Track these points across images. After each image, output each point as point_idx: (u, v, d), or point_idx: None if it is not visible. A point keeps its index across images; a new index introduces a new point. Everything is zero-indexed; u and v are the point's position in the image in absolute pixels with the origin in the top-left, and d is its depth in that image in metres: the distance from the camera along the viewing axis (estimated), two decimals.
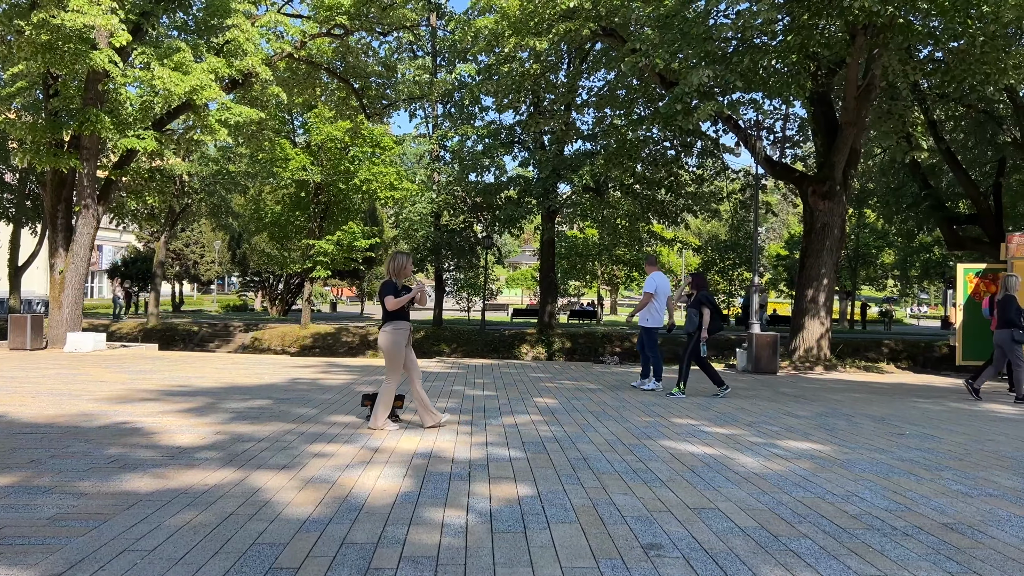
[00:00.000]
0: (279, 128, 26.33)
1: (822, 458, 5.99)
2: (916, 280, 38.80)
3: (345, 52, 22.11)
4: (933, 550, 3.75)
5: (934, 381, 14.26)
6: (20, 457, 5.29)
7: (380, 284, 6.85)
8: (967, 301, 15.54)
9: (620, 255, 28.70)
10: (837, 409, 9.17)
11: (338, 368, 13.09)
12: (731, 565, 3.46)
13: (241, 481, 4.79)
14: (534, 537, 3.80)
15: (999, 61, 14.30)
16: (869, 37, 14.47)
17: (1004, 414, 9.22)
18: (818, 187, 16.62)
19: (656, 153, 22.60)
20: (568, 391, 10.31)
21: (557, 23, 16.37)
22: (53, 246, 16.82)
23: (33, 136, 15.87)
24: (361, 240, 25.61)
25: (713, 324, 9.63)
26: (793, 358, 16.36)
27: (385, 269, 6.99)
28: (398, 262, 6.85)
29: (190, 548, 3.51)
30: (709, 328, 9.60)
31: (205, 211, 32.84)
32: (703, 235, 59.78)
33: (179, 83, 15.04)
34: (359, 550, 3.54)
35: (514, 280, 65.29)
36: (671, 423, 7.63)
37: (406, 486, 4.75)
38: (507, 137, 25.03)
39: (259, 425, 6.84)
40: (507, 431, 6.90)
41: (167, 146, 17.48)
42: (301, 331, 26.25)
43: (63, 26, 13.82)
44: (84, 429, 6.42)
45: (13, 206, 28.98)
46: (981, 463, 5.96)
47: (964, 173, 22.02)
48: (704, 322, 9.58)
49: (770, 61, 14.74)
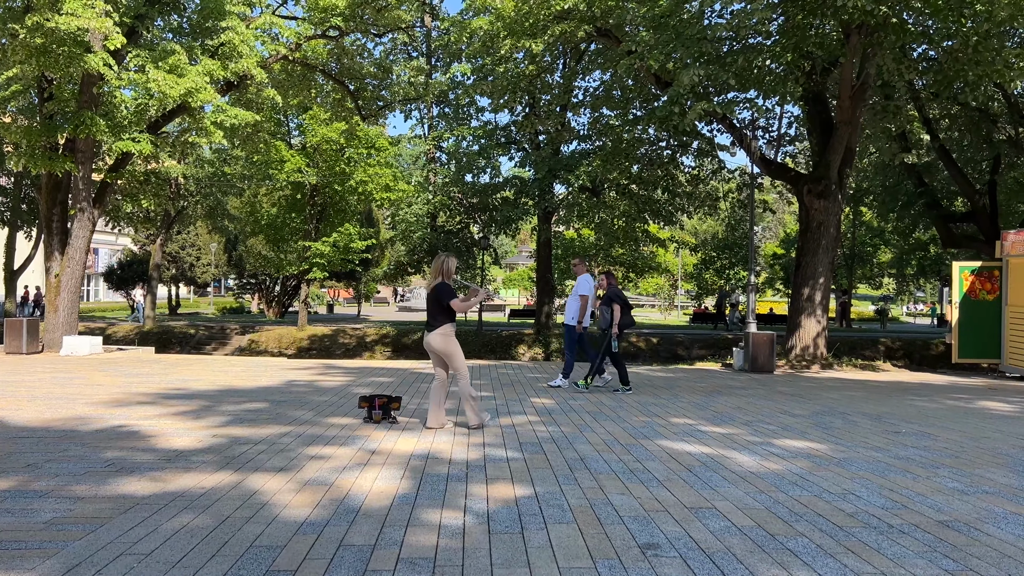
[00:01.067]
0: (274, 130, 26.31)
1: (819, 457, 6.01)
2: (912, 278, 38.83)
3: (340, 54, 22.09)
4: (929, 548, 3.76)
5: (931, 379, 14.29)
6: (16, 461, 5.28)
7: (433, 286, 6.80)
8: (963, 299, 15.58)
9: (617, 255, 28.69)
10: (834, 408, 9.19)
11: (335, 370, 13.08)
12: (728, 564, 3.46)
13: (238, 484, 4.79)
14: (531, 538, 3.80)
15: (992, 61, 14.34)
16: (863, 37, 14.49)
17: (1000, 412, 9.25)
18: (813, 186, 16.65)
19: (652, 153, 22.62)
20: (565, 391, 10.31)
21: (552, 24, 16.38)
22: (49, 250, 16.78)
23: (28, 139, 15.84)
24: (358, 241, 25.61)
25: (624, 319, 9.93)
26: (790, 357, 16.39)
27: (434, 271, 6.94)
28: (448, 264, 6.90)
29: (187, 551, 3.51)
30: (620, 323, 9.89)
31: (201, 213, 32.79)
32: (699, 235, 59.87)
33: (174, 86, 15.01)
34: (356, 552, 3.54)
35: (511, 281, 65.30)
36: (668, 423, 7.64)
37: (403, 488, 4.76)
38: (502, 137, 25.03)
39: (256, 428, 6.84)
40: (504, 432, 6.90)
41: (162, 149, 17.47)
42: (298, 333, 26.23)
43: (57, 29, 13.78)
44: (81, 433, 6.41)
45: (8, 210, 28.91)
46: (977, 461, 5.98)
47: (959, 171, 22.06)
48: (615, 318, 9.87)
49: (764, 61, 14.76)
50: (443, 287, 6.77)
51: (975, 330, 15.40)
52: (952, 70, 15.28)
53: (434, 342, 6.79)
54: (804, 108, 18.20)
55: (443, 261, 6.90)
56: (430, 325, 6.83)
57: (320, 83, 24.51)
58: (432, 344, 6.81)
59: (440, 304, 6.75)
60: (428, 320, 6.88)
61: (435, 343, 6.79)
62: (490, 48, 18.52)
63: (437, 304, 6.76)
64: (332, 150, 24.71)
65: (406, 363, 16.21)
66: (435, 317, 6.79)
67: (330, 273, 28.34)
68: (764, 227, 72.46)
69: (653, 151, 22.57)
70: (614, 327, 9.83)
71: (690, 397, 9.97)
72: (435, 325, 6.79)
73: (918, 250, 33.98)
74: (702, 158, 23.29)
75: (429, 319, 6.86)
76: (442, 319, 6.75)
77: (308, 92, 24.18)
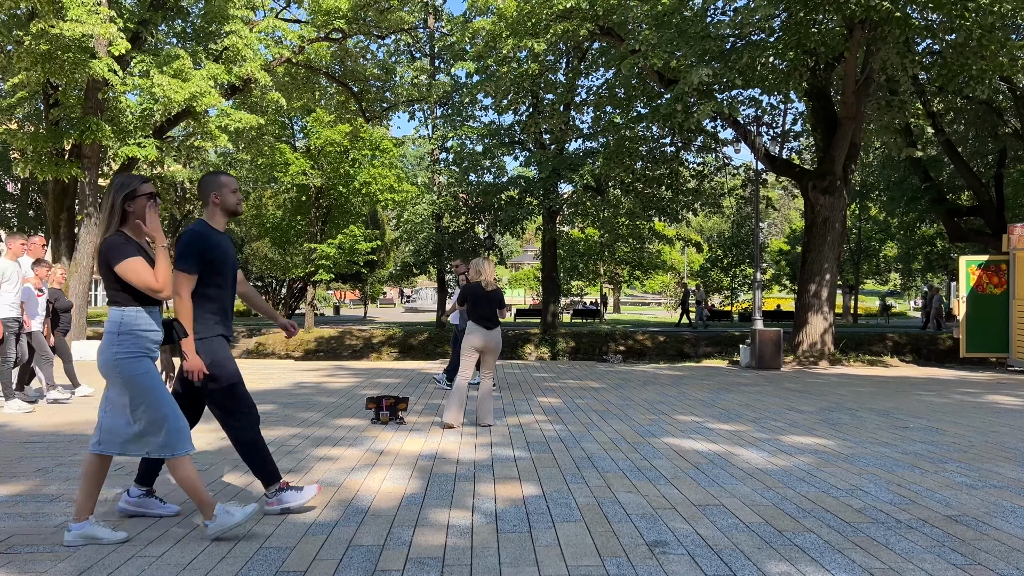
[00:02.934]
0: (279, 133, 26.36)
1: (826, 453, 6.00)
2: (919, 273, 38.67)
3: (343, 56, 22.15)
4: (938, 543, 3.76)
5: (938, 374, 14.25)
6: (27, 466, 5.32)
7: (496, 288, 7.28)
8: (970, 293, 15.52)
9: (622, 254, 28.66)
10: (841, 404, 9.18)
11: (343, 371, 13.12)
12: (736, 561, 3.47)
13: (247, 486, 4.81)
14: (539, 537, 3.81)
15: (997, 54, 14.29)
16: (866, 32, 14.46)
17: (1008, 406, 9.22)
18: (818, 182, 16.62)
19: (656, 150, 22.59)
20: (572, 390, 10.32)
21: (554, 23, 16.37)
22: (56, 255, 16.89)
23: (34, 146, 15.93)
24: (363, 243, 25.64)
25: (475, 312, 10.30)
26: (797, 353, 16.35)
27: (489, 272, 7.33)
28: (480, 266, 7.34)
29: (197, 553, 3.53)
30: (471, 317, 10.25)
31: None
32: (705, 232, 59.78)
33: (179, 90, 15.08)
34: (365, 552, 3.56)
35: (516, 280, 65.30)
36: (675, 420, 7.64)
37: (411, 488, 4.77)
38: (506, 137, 25.03)
39: (264, 429, 6.87)
40: (511, 431, 6.92)
41: (168, 153, 17.53)
42: (305, 335, 26.28)
43: (62, 36, 13.86)
44: (90, 437, 6.44)
45: (16, 216, 29.05)
46: (985, 455, 5.97)
47: (965, 165, 21.98)
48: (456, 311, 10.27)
49: (768, 58, 14.74)
50: (501, 292, 7.32)
51: (982, 324, 15.33)
52: (956, 64, 15.23)
53: (500, 339, 7.21)
54: (808, 104, 18.16)
55: (472, 264, 7.38)
56: (494, 324, 7.17)
57: (324, 85, 24.57)
58: (499, 343, 7.20)
59: (501, 306, 7.22)
60: (491, 320, 7.15)
61: (501, 340, 7.22)
62: (493, 48, 18.52)
63: (500, 306, 7.21)
64: (336, 152, 24.76)
65: (413, 364, 16.24)
66: (496, 318, 7.20)
67: (336, 275, 28.38)
68: (770, 223, 72.32)
69: (657, 149, 22.55)
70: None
71: (697, 394, 9.96)
72: (496, 325, 7.18)
73: (924, 245, 33.88)
74: (706, 154, 23.26)
75: (492, 319, 7.17)
76: (498, 320, 7.20)
77: (312, 94, 24.24)
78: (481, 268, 7.32)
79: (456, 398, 7.06)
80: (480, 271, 7.30)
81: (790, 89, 15.78)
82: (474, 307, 7.16)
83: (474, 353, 7.18)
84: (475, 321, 7.15)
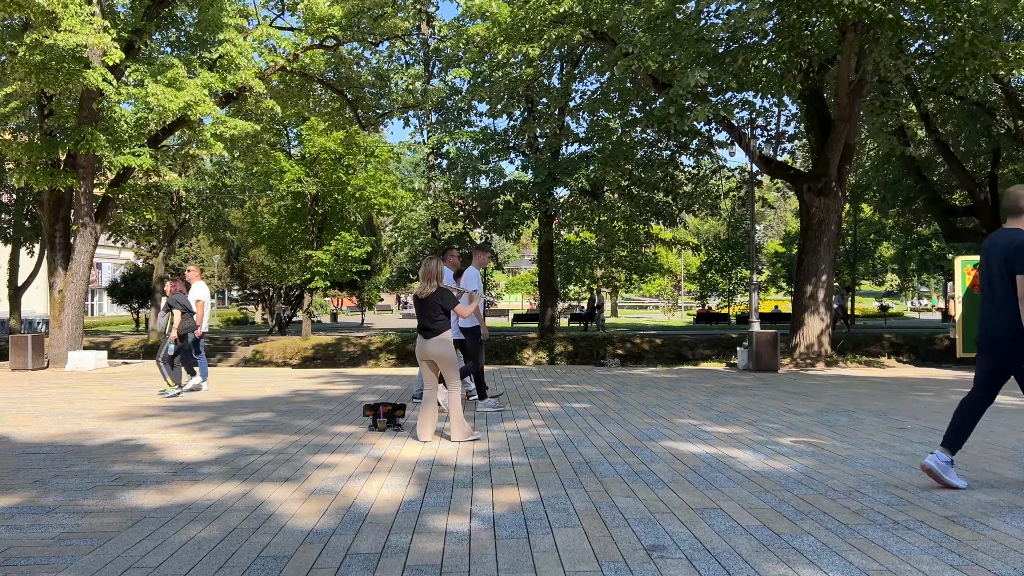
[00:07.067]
0: (274, 141, 26.37)
1: (824, 455, 6.01)
2: (915, 273, 38.76)
3: (338, 63, 22.15)
4: (935, 543, 3.76)
5: (935, 374, 14.27)
6: (24, 477, 5.31)
7: (431, 291, 6.57)
8: (966, 293, 15.55)
9: (618, 258, 28.65)
10: (838, 405, 9.19)
11: (340, 379, 13.10)
12: (733, 564, 3.47)
13: (245, 495, 4.80)
14: (537, 542, 3.81)
15: (989, 54, 14.34)
16: (859, 33, 14.50)
17: (1005, 406, 9.23)
18: (813, 184, 16.66)
19: (651, 154, 22.63)
20: (570, 394, 10.32)
21: (548, 29, 16.41)
22: (52, 265, 16.84)
23: (29, 156, 15.90)
24: (356, 249, 25.62)
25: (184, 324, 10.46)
26: (794, 355, 16.37)
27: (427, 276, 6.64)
28: (441, 267, 6.70)
29: (195, 563, 3.52)
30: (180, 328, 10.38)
31: (203, 226, 32.86)
32: (701, 234, 59.83)
33: (173, 99, 15.07)
34: (363, 560, 3.56)
35: (514, 285, 65.27)
36: (673, 424, 7.64)
37: (409, 494, 4.77)
38: (500, 142, 25.07)
39: (262, 438, 6.86)
40: (509, 437, 6.91)
41: (163, 162, 17.53)
42: (302, 343, 26.24)
43: (56, 46, 13.85)
44: (87, 447, 6.43)
45: (11, 226, 28.97)
46: (982, 455, 5.97)
47: (959, 165, 22.04)
48: (175, 322, 10.33)
49: (761, 60, 14.78)
50: (445, 292, 6.59)
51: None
52: (949, 64, 15.29)
53: (435, 348, 6.54)
54: (802, 106, 18.20)
55: (436, 264, 6.64)
56: (428, 331, 6.58)
57: (318, 93, 24.58)
58: (432, 351, 6.56)
59: (441, 309, 6.57)
60: (424, 326, 6.61)
61: (436, 349, 6.54)
62: (487, 54, 18.56)
63: (437, 309, 6.57)
64: (331, 159, 24.77)
65: (411, 370, 16.23)
66: (433, 322, 6.56)
67: (332, 282, 28.36)
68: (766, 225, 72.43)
69: (652, 152, 22.59)
70: (175, 330, 10.35)
71: (694, 397, 9.97)
72: (434, 331, 6.55)
73: (920, 245, 33.96)
74: (701, 156, 23.31)
75: (426, 324, 6.59)
76: (441, 325, 6.55)
77: (307, 102, 24.26)
78: (420, 273, 6.81)
79: (426, 411, 6.75)
80: (420, 277, 6.81)
81: (784, 92, 15.81)
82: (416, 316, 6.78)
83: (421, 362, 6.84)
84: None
